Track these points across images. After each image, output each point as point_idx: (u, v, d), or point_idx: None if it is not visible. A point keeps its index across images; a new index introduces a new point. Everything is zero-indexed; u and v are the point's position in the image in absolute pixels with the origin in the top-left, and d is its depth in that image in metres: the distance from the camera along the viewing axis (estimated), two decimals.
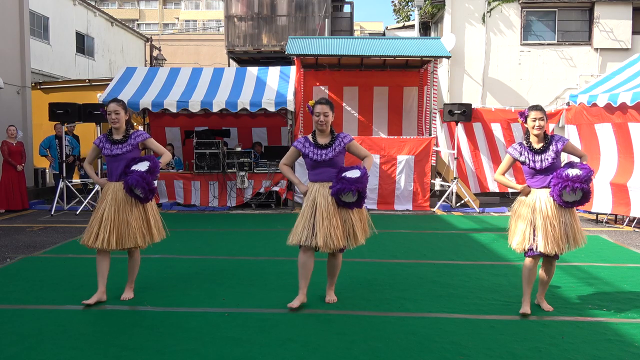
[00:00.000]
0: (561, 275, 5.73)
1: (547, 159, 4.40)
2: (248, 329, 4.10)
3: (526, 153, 4.49)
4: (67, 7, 19.75)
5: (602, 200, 9.08)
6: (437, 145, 11.42)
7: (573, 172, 4.30)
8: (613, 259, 6.59)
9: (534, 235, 4.37)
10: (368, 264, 6.23)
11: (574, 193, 4.27)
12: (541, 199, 4.41)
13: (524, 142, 4.55)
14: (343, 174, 4.43)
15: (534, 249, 4.37)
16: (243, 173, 10.64)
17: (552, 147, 4.42)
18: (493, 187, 11.45)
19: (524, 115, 4.53)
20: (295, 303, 4.49)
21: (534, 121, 4.43)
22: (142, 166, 4.62)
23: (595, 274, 5.82)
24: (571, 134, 9.97)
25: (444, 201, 11.07)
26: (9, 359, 3.57)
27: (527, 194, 4.50)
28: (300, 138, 4.69)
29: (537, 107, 4.49)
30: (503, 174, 4.70)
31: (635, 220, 8.95)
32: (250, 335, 3.98)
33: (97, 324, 4.23)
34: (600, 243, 7.61)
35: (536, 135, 4.47)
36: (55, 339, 3.89)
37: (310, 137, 4.63)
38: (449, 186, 11.13)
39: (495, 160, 11.35)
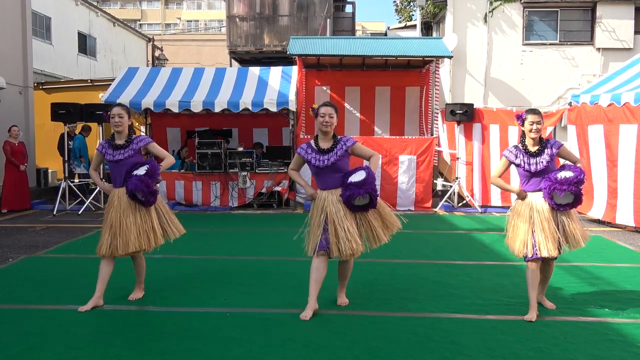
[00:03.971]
0: (563, 275, 5.73)
1: (542, 162, 4.42)
2: (249, 329, 4.10)
3: (521, 156, 4.49)
4: (69, 7, 19.80)
5: (598, 206, 9.05)
6: (439, 145, 11.41)
7: (563, 174, 4.32)
8: (615, 259, 6.58)
9: (534, 240, 4.36)
10: (369, 264, 6.23)
11: (563, 195, 4.28)
12: (537, 202, 4.43)
13: (520, 145, 4.55)
14: (348, 180, 4.32)
15: (535, 254, 4.35)
16: (245, 173, 10.64)
17: (548, 151, 4.45)
18: (476, 190, 11.15)
19: (521, 118, 4.52)
20: (308, 314, 4.29)
21: (532, 125, 4.44)
22: (141, 170, 4.61)
23: (597, 274, 5.82)
24: (571, 134, 9.94)
25: (445, 201, 11.05)
26: (11, 358, 3.58)
27: (523, 198, 4.51)
28: (303, 145, 4.64)
29: (535, 111, 4.50)
30: (499, 177, 4.70)
31: None
32: (251, 335, 3.99)
33: (99, 324, 4.24)
34: (602, 243, 7.60)
35: (532, 139, 4.48)
36: (58, 338, 3.90)
37: (312, 142, 4.55)
38: (450, 186, 11.12)
39: (485, 163, 11.02)
